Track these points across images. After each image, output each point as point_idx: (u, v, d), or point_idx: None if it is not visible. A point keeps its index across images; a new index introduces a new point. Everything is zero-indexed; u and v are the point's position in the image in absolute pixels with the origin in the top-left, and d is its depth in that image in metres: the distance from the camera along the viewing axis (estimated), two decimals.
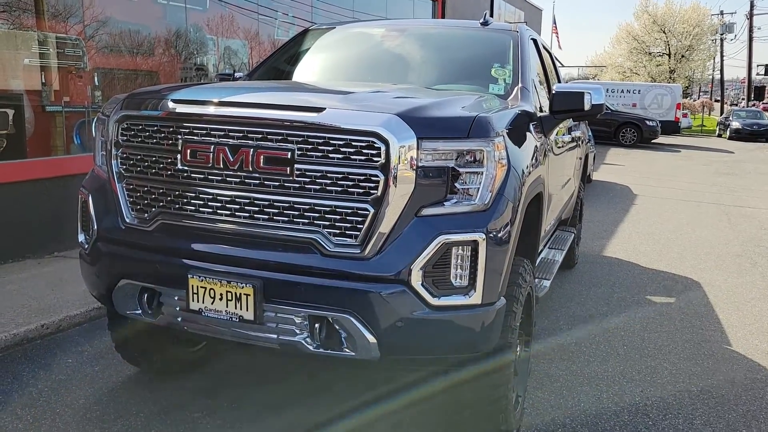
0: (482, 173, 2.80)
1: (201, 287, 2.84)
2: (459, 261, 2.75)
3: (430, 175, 2.73)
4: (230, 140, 2.80)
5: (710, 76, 59.11)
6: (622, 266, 7.24)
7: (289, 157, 2.73)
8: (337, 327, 2.75)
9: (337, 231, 2.73)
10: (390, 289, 2.68)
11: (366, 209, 2.69)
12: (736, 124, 30.58)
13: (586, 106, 3.94)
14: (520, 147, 3.23)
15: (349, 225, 2.72)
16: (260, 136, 2.77)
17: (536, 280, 4.38)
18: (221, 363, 4.18)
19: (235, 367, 4.14)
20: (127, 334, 3.72)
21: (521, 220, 3.05)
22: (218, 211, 2.87)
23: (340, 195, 2.71)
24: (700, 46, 48.07)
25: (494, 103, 3.46)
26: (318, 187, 2.72)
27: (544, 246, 5.35)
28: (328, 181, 2.71)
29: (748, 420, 3.79)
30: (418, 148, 2.69)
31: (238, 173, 2.80)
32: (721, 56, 50.99)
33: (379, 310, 2.69)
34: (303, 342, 2.79)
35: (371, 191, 2.68)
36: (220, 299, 2.82)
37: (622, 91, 28.60)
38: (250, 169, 2.77)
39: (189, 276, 2.84)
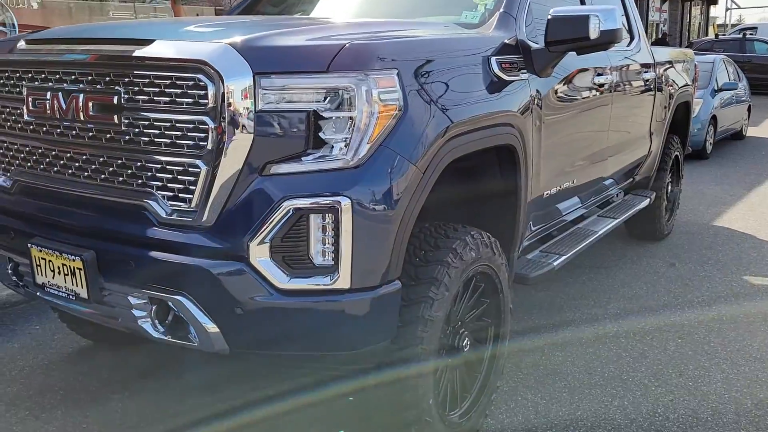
0: (354, 119, 2.13)
1: (42, 258, 2.45)
2: (320, 233, 2.12)
3: (277, 122, 2.10)
4: (64, 84, 2.35)
5: None
6: (732, 239, 5.97)
7: (115, 102, 2.23)
8: (177, 311, 2.24)
9: (170, 194, 2.21)
10: (223, 267, 2.12)
11: (197, 166, 2.13)
12: None
13: (593, 34, 2.99)
14: (448, 86, 2.47)
15: (181, 186, 2.18)
16: (90, 78, 2.29)
17: (542, 254, 3.57)
18: None
19: None
20: None
21: (430, 181, 2.32)
22: (61, 170, 2.45)
23: (170, 149, 2.17)
24: None
25: (433, 31, 2.71)
26: (147, 139, 2.20)
27: (595, 212, 4.44)
28: (156, 131, 2.18)
29: None
30: (255, 86, 2.07)
31: (74, 124, 2.35)
32: None
33: (213, 293, 2.15)
34: (146, 327, 2.32)
35: (201, 143, 2.12)
36: (59, 273, 2.41)
37: None
38: (82, 118, 2.31)
39: (29, 246, 2.46)
